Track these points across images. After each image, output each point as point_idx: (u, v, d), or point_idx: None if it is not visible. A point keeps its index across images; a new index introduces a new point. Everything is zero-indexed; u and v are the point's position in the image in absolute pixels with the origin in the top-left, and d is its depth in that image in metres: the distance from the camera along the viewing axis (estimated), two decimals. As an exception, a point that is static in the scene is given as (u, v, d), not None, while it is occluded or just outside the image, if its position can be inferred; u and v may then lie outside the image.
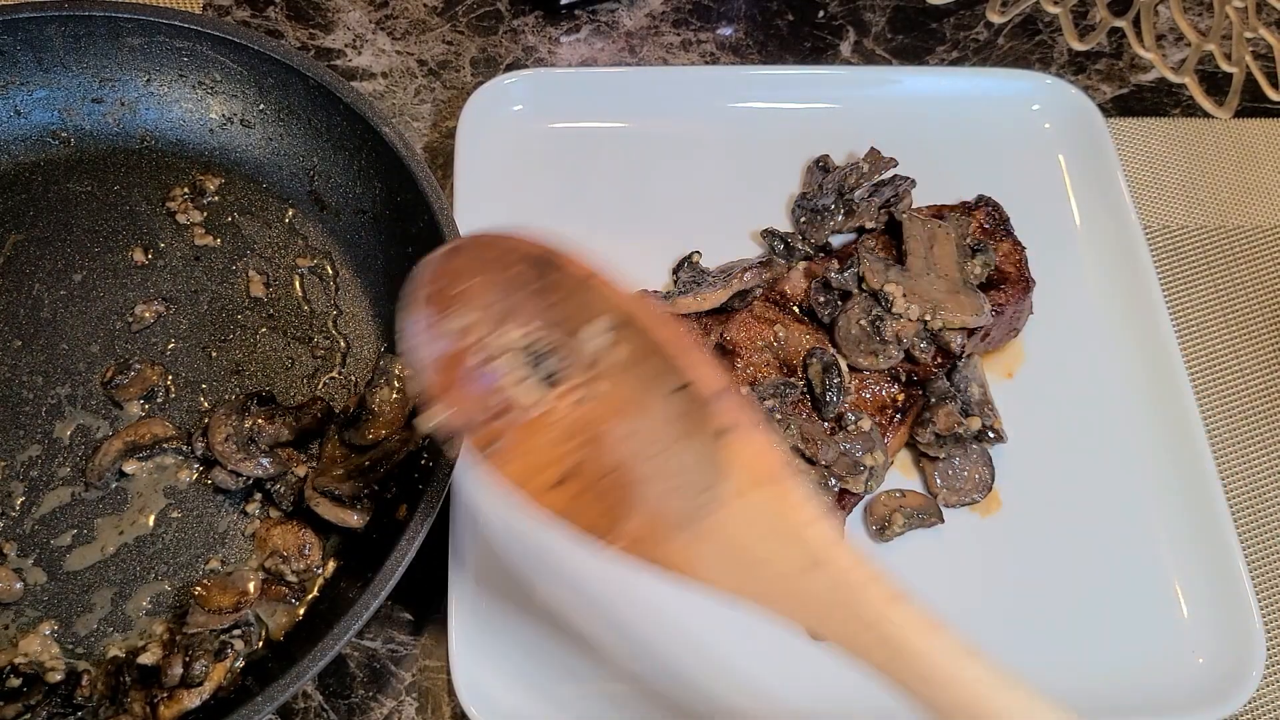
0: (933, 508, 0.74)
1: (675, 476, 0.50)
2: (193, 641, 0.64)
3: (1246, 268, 0.89)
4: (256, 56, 0.78)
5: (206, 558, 0.69)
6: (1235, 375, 0.84)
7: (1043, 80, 0.91)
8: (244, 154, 0.82)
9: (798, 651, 0.70)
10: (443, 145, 0.90)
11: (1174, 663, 0.70)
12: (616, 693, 0.67)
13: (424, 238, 0.72)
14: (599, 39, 0.97)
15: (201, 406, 0.74)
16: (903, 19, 1.01)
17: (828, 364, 0.70)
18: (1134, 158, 0.94)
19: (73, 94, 0.80)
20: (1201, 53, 1.01)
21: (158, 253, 0.79)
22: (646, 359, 0.50)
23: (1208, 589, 0.72)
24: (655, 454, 0.50)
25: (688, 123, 0.89)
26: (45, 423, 0.72)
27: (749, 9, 1.00)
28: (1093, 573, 0.73)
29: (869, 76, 0.93)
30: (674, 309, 0.76)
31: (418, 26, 0.96)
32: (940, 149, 0.89)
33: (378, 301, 0.78)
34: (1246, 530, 0.77)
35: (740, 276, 0.77)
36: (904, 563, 0.73)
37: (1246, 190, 0.93)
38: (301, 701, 0.68)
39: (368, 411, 0.71)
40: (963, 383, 0.75)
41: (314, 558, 0.68)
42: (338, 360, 0.76)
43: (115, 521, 0.69)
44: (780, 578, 0.49)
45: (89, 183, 0.81)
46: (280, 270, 0.79)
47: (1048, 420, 0.78)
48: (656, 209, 0.85)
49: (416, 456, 0.70)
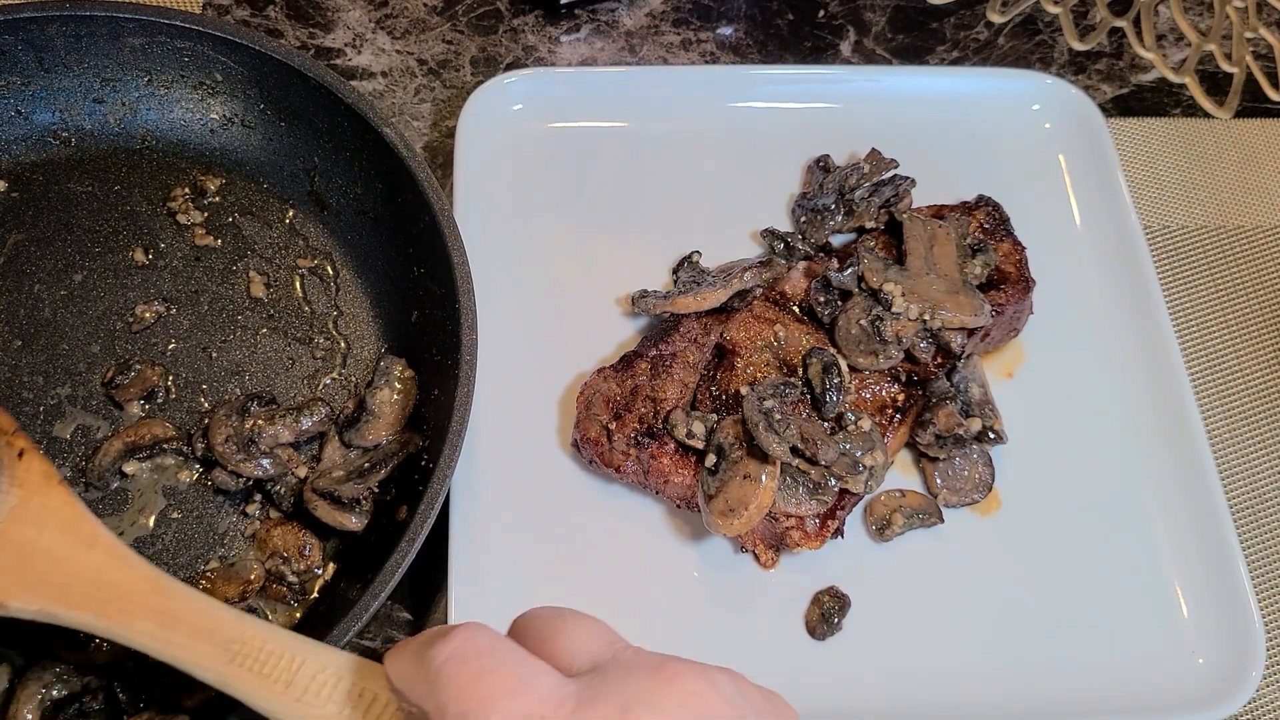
0: (933, 508, 0.74)
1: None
2: None
3: (1246, 268, 0.89)
4: (257, 56, 0.78)
5: (206, 558, 0.69)
6: (1235, 375, 0.84)
7: (1043, 80, 0.91)
8: (245, 154, 0.82)
9: (798, 652, 0.70)
10: (443, 145, 0.90)
11: (1174, 663, 0.70)
12: (617, 693, 0.67)
13: (424, 238, 0.73)
14: (599, 39, 0.97)
15: (202, 407, 0.74)
16: (903, 19, 1.01)
17: (828, 364, 0.71)
18: (1134, 158, 0.94)
19: (73, 94, 0.81)
20: (1202, 53, 1.01)
21: (158, 253, 0.79)
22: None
23: (1208, 589, 0.72)
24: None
25: (688, 123, 0.89)
26: (45, 423, 0.72)
27: (749, 8, 1.00)
28: (1093, 573, 0.73)
29: (869, 76, 0.92)
30: (674, 308, 0.76)
31: (418, 26, 0.96)
32: (940, 149, 0.89)
33: (378, 302, 0.78)
34: (1246, 530, 0.77)
35: (740, 276, 0.77)
36: (904, 563, 0.73)
37: (1246, 190, 0.93)
38: (302, 702, 0.68)
39: (368, 412, 0.71)
40: (963, 383, 0.75)
41: (314, 559, 0.68)
42: (338, 361, 0.76)
43: (115, 522, 0.69)
44: (64, 561, 0.56)
45: (90, 183, 0.81)
46: (281, 271, 0.79)
47: (1048, 420, 0.78)
48: (656, 209, 0.85)
49: (416, 458, 0.70)
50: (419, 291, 0.74)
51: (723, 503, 0.67)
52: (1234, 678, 0.68)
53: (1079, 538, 0.74)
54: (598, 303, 0.81)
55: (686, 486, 0.70)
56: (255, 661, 0.51)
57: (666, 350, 0.74)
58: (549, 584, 0.70)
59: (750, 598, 0.71)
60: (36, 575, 0.56)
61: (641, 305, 0.78)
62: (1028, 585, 0.72)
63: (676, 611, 0.70)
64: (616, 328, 0.80)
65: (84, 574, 0.56)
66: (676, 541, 0.73)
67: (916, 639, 0.70)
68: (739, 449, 0.68)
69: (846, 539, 0.72)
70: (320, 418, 0.72)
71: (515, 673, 0.42)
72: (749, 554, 0.72)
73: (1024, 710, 0.68)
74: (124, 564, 0.56)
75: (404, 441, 0.71)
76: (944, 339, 0.74)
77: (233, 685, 0.51)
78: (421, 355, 0.73)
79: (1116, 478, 0.76)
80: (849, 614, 0.70)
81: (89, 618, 0.55)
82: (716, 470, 0.68)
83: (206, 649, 0.52)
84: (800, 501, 0.68)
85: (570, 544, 0.72)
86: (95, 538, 0.57)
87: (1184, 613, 0.72)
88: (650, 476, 0.71)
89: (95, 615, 0.55)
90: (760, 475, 0.66)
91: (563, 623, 0.46)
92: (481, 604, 0.68)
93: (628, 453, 0.70)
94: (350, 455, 0.71)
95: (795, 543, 0.69)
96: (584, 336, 0.79)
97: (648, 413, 0.71)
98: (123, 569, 0.56)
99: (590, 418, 0.72)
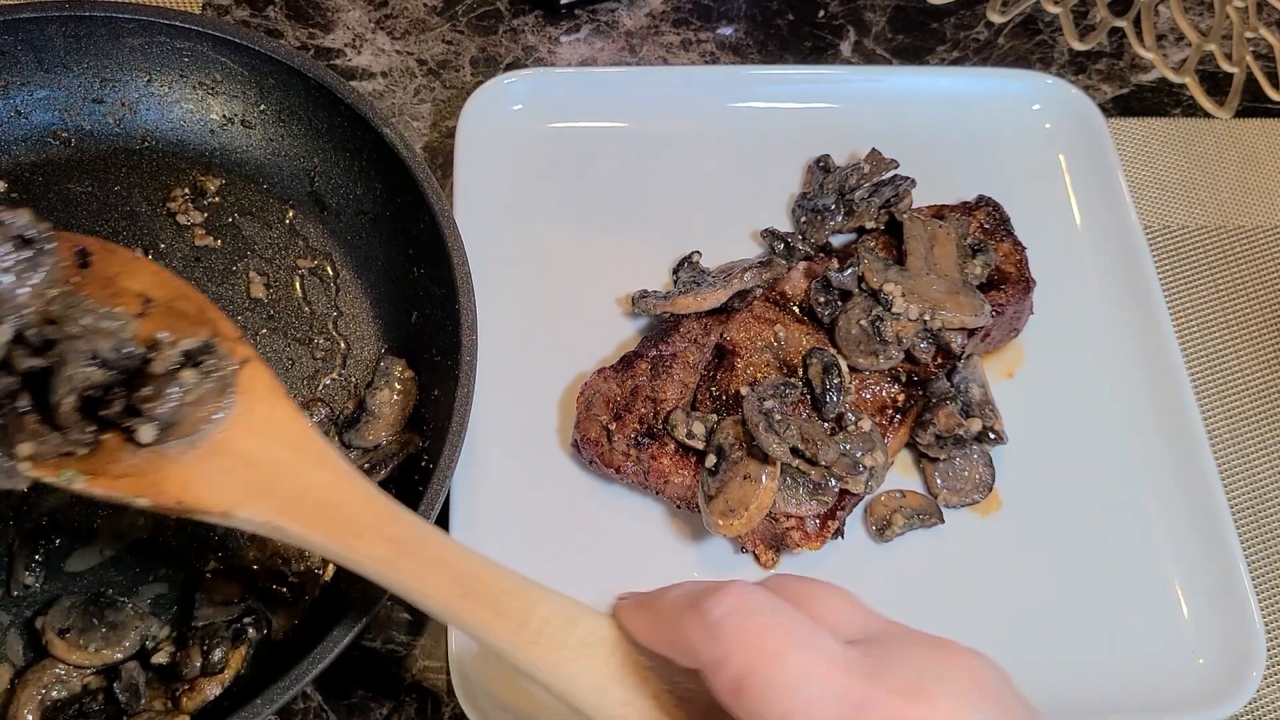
0: (933, 508, 0.74)
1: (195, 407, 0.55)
2: (206, 633, 0.64)
3: (1246, 268, 0.89)
4: (257, 57, 0.78)
5: (207, 559, 0.69)
6: (1235, 375, 0.84)
7: (1043, 80, 0.91)
8: (244, 155, 0.82)
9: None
10: (443, 145, 0.90)
11: (1174, 663, 0.70)
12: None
13: (424, 238, 0.73)
14: (599, 39, 0.97)
15: (202, 407, 0.73)
16: (903, 18, 1.01)
17: (828, 364, 0.70)
18: (1134, 158, 0.94)
19: (73, 94, 0.80)
20: (1202, 53, 1.01)
21: (158, 253, 0.79)
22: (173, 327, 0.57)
23: (1208, 589, 0.72)
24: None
25: (688, 123, 0.89)
26: (46, 423, 0.72)
27: (749, 9, 1.00)
28: (1093, 573, 0.73)
29: (869, 76, 0.92)
30: (674, 309, 0.76)
31: (417, 26, 0.96)
32: (940, 149, 0.89)
33: (378, 303, 0.78)
34: (1246, 530, 0.77)
35: (740, 276, 0.77)
36: (904, 563, 0.73)
37: (1247, 190, 0.93)
38: (301, 702, 0.68)
39: (368, 413, 0.71)
40: (963, 383, 0.75)
41: (314, 559, 0.68)
42: (338, 362, 0.76)
43: (115, 523, 0.69)
44: (289, 474, 0.54)
45: (89, 183, 0.81)
46: (281, 271, 0.79)
47: (1048, 420, 0.78)
48: (656, 209, 0.85)
49: (416, 458, 0.70)
50: (419, 292, 0.74)
51: (723, 503, 0.67)
52: (1234, 678, 0.68)
53: (1079, 538, 0.74)
54: (598, 303, 0.81)
55: (686, 487, 0.70)
56: (488, 598, 0.49)
57: (666, 350, 0.74)
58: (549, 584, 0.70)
59: (750, 598, 0.71)
60: (265, 487, 0.54)
61: (641, 305, 0.78)
62: (1028, 585, 0.72)
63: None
64: (616, 328, 0.80)
65: (312, 491, 0.54)
66: (676, 542, 0.73)
67: (917, 639, 0.70)
68: (739, 449, 0.68)
69: (847, 539, 0.72)
70: (320, 418, 0.72)
71: (798, 631, 0.41)
72: (749, 554, 0.72)
73: (1024, 710, 0.68)
74: (354, 486, 0.54)
75: (404, 442, 0.71)
76: (944, 339, 0.74)
77: (464, 620, 0.49)
78: (421, 356, 0.73)
79: (1116, 478, 0.76)
80: (849, 614, 0.70)
81: (317, 537, 0.53)
82: (716, 471, 0.68)
83: (438, 580, 0.50)
84: (800, 502, 0.68)
85: (570, 544, 0.72)
86: (323, 456, 0.55)
87: (1184, 613, 0.72)
88: (650, 477, 0.71)
89: (324, 535, 0.52)
90: (760, 476, 0.66)
91: (819, 589, 0.45)
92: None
93: (628, 453, 0.70)
94: (350, 456, 0.71)
95: (795, 543, 0.69)
96: (584, 336, 0.79)
97: (648, 413, 0.71)
98: (352, 491, 0.54)
99: (590, 418, 0.72)
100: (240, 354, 0.57)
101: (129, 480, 0.54)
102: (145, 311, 0.59)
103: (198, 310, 0.60)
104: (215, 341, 0.56)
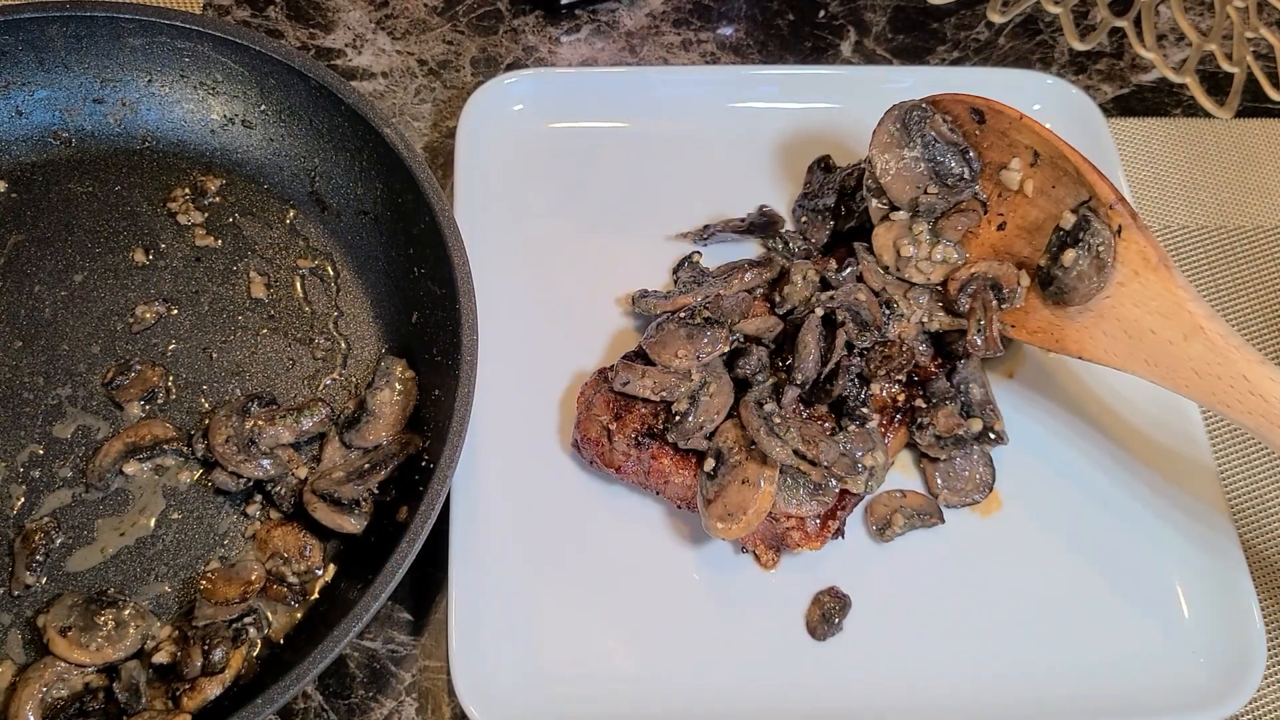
0: (933, 508, 0.74)
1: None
2: (207, 632, 0.64)
3: (1246, 268, 0.89)
4: (258, 57, 0.78)
5: (207, 559, 0.69)
6: (1235, 375, 0.84)
7: (1043, 80, 0.91)
8: (245, 155, 0.82)
9: (798, 652, 0.70)
10: (443, 145, 0.90)
11: (1174, 663, 0.70)
12: (616, 692, 0.67)
13: (425, 238, 0.73)
14: (599, 39, 0.97)
15: (202, 408, 0.74)
16: (903, 19, 1.01)
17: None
18: (1134, 158, 0.94)
19: (74, 94, 0.81)
20: (1202, 53, 1.01)
21: (158, 253, 0.79)
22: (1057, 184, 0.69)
23: (1208, 589, 0.72)
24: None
25: (688, 123, 0.89)
26: (45, 423, 0.72)
27: (749, 9, 1.00)
28: (1093, 573, 0.73)
29: (869, 76, 0.92)
30: (674, 308, 0.76)
31: (418, 26, 0.96)
32: (941, 149, 0.89)
33: (379, 303, 0.78)
34: (1246, 530, 0.77)
35: (740, 276, 0.77)
36: (904, 563, 0.73)
37: (1247, 190, 0.93)
38: (302, 702, 0.68)
39: (368, 413, 0.71)
40: (963, 383, 0.75)
41: (314, 559, 0.68)
42: (338, 362, 0.76)
43: (115, 523, 0.69)
44: (1163, 345, 0.64)
45: (90, 183, 0.81)
46: (281, 271, 0.79)
47: (1048, 420, 0.78)
48: (657, 209, 0.85)
49: (417, 458, 0.70)
50: (419, 292, 0.74)
51: (721, 507, 0.67)
52: (1234, 678, 0.68)
53: (1079, 538, 0.74)
54: (598, 303, 0.81)
55: (687, 487, 0.70)
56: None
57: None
58: (549, 584, 0.70)
59: (750, 598, 0.71)
60: (1146, 354, 0.65)
61: (641, 305, 0.78)
62: (1028, 585, 0.72)
63: (677, 611, 0.70)
64: (616, 328, 0.80)
65: (1185, 362, 0.63)
66: (677, 542, 0.73)
67: (917, 639, 0.70)
68: (738, 453, 0.68)
69: (847, 539, 0.72)
70: (320, 418, 0.72)
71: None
72: (749, 554, 0.72)
73: (1024, 710, 0.68)
74: (1220, 360, 0.62)
75: (404, 442, 0.71)
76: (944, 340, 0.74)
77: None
78: (422, 356, 0.74)
79: (1116, 478, 0.76)
80: (849, 614, 0.70)
81: (1196, 396, 0.64)
82: (715, 475, 0.68)
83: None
84: (801, 502, 0.68)
85: (570, 544, 0.72)
86: (1193, 330, 0.63)
87: (1184, 613, 0.72)
88: (650, 477, 0.71)
89: (1200, 396, 0.64)
90: (759, 480, 0.66)
91: None
92: (482, 604, 0.68)
93: (628, 453, 0.70)
94: (350, 456, 0.71)
95: (796, 543, 0.69)
96: (584, 336, 0.79)
97: (648, 413, 0.71)
98: (1221, 365, 0.62)
99: (590, 418, 0.72)
100: (1115, 221, 0.65)
101: (1041, 334, 0.71)
102: (1034, 163, 0.70)
103: (1076, 169, 0.68)
104: (1093, 206, 0.66)
